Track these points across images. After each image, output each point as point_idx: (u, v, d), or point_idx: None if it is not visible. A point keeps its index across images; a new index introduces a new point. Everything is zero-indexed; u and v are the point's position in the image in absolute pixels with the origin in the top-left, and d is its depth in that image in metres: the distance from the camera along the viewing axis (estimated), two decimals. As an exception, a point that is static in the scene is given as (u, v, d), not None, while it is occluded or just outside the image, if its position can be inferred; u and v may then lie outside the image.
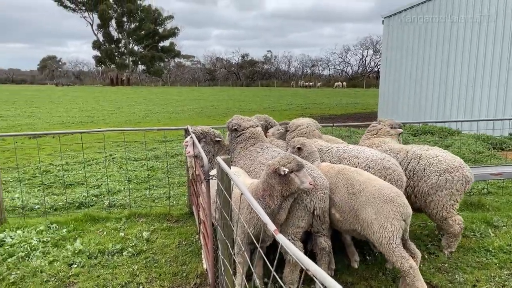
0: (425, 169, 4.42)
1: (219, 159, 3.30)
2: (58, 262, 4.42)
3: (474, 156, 8.94)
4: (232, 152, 4.69)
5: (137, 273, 4.24)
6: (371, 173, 4.01)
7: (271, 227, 2.05)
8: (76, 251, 4.62)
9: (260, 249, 3.03)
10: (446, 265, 4.30)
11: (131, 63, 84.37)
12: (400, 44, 17.11)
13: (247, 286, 3.84)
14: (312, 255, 3.98)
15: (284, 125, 5.33)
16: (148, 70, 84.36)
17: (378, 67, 73.76)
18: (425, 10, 15.57)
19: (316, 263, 3.80)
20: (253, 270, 3.04)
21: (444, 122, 12.58)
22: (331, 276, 1.84)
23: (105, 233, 5.23)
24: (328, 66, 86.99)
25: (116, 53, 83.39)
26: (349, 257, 4.34)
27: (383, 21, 18.33)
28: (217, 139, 4.89)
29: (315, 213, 3.72)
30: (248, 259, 3.45)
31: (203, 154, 3.84)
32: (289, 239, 3.71)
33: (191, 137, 4.77)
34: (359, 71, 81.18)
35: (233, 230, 3.33)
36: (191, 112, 23.76)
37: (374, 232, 3.50)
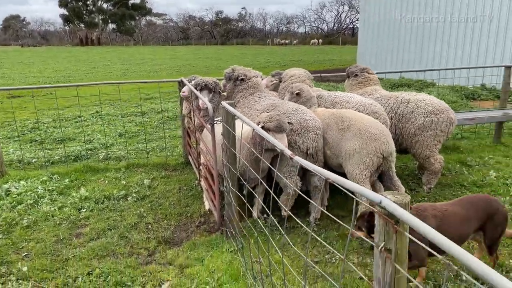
0: (413, 112, 4.79)
1: (225, 103, 3.55)
2: (67, 208, 4.66)
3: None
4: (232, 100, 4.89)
5: (144, 214, 4.53)
6: None
7: (287, 152, 2.35)
8: (82, 198, 4.87)
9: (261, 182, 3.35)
10: (425, 198, 4.76)
11: (100, 21, 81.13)
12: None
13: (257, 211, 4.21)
14: (307, 193, 4.37)
15: (277, 76, 5.51)
16: (118, 29, 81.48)
17: (354, 23, 73.48)
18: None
19: (310, 199, 4.21)
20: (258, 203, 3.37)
21: (417, 71, 12.99)
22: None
23: (107, 182, 5.46)
24: (304, 23, 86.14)
25: (84, 11, 79.85)
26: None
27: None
28: (220, 90, 5.10)
29: (308, 152, 4.06)
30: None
31: (206, 101, 4.07)
32: (285, 177, 4.07)
33: (189, 87, 4.97)
34: (334, 28, 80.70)
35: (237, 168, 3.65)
36: (170, 70, 23.48)
37: (353, 163, 3.87)
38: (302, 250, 3.79)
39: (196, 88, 4.82)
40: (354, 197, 1.75)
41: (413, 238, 1.44)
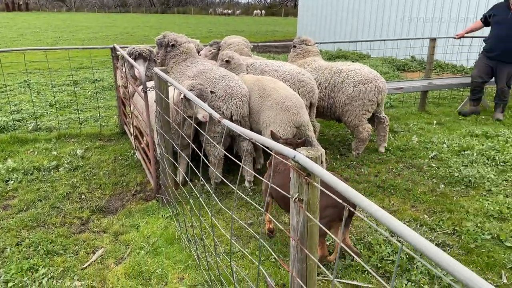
0: (344, 81, 5.00)
1: (156, 69, 3.51)
2: (-7, 180, 4.44)
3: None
4: (165, 67, 4.82)
5: (77, 185, 4.43)
6: (288, 85, 4.49)
7: (216, 115, 2.41)
8: (10, 169, 4.65)
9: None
10: (354, 162, 5.06)
11: (27, -16, 74.65)
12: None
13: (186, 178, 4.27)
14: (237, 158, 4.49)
15: (215, 45, 5.49)
16: (49, -6, 75.61)
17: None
18: None
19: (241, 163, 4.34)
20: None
21: (349, 42, 13.43)
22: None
23: (36, 153, 5.24)
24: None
25: (8, -27, 72.91)
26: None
27: None
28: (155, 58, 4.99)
29: (233, 118, 4.15)
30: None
31: (139, 67, 3.99)
32: (209, 144, 4.17)
33: (122, 54, 4.83)
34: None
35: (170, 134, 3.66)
36: (105, 39, 22.36)
37: (267, 132, 4.04)
38: (236, 213, 3.93)
39: (130, 57, 4.70)
40: (272, 153, 1.86)
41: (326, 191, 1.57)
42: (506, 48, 6.55)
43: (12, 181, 4.43)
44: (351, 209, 1.66)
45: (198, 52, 5.67)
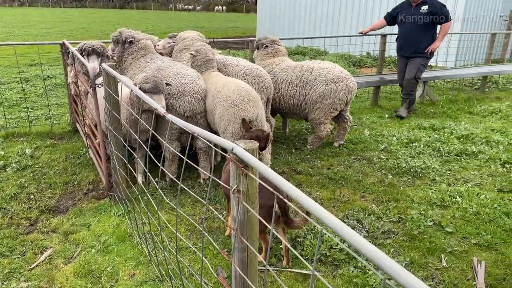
0: (316, 79, 5.07)
1: (104, 65, 3.46)
2: None
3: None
4: (122, 64, 4.74)
5: (26, 185, 4.30)
6: (247, 80, 4.53)
7: (161, 110, 2.41)
8: (-49, 171, 4.44)
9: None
10: (308, 156, 5.18)
11: (-26, -23, 70.74)
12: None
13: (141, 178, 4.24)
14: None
15: (175, 38, 5.41)
16: (-2, -13, 71.92)
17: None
18: None
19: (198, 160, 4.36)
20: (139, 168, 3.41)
21: (303, 38, 13.65)
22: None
23: (-19, 153, 5.02)
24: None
25: (-48, -36, 68.79)
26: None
27: None
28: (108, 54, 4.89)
29: (186, 115, 4.15)
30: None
31: (86, 63, 3.91)
32: (165, 140, 4.16)
33: (71, 50, 4.70)
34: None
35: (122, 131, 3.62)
36: (59, 35, 21.55)
37: (222, 131, 4.02)
38: (191, 209, 3.94)
39: (82, 54, 4.58)
40: (212, 147, 1.90)
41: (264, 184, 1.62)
42: (412, 43, 6.62)
43: (-46, 183, 4.24)
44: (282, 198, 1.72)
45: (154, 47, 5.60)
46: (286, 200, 1.64)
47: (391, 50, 10.79)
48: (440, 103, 7.75)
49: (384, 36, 7.72)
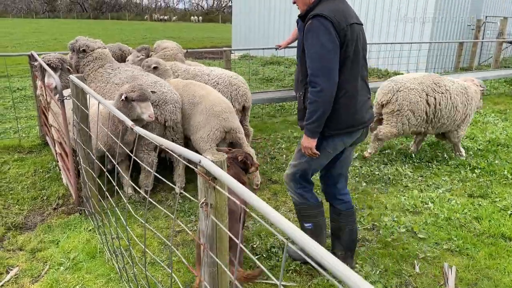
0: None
1: (72, 77, 3.38)
2: None
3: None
4: (82, 74, 4.63)
5: (-8, 201, 4.14)
6: (219, 88, 4.53)
7: (128, 122, 2.36)
8: None
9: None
10: (284, 165, 5.18)
11: None
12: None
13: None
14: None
15: (144, 51, 5.36)
16: (-34, -3, 70.10)
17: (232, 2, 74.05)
18: None
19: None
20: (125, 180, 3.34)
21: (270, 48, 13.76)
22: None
23: None
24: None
25: None
26: None
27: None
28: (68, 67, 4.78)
29: (167, 124, 4.12)
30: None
31: (54, 75, 3.82)
32: (143, 150, 4.10)
33: (39, 63, 4.58)
34: (214, 5, 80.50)
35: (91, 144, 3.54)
36: (30, 45, 21.09)
37: (200, 136, 4.12)
38: (165, 222, 3.87)
39: (41, 67, 4.46)
40: (178, 158, 1.86)
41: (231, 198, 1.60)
42: None
43: None
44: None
45: (122, 57, 5.53)
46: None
47: (372, 59, 11.01)
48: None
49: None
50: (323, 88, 2.54)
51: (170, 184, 2.22)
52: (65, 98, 3.55)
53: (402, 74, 11.21)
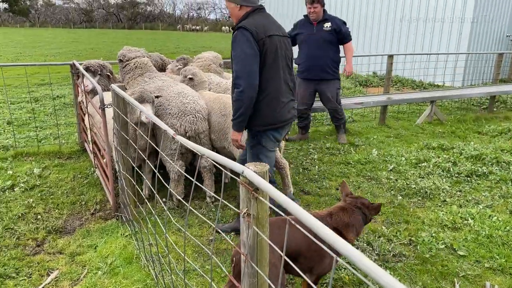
0: None
1: (114, 86, 3.48)
2: None
3: (343, 92, 10.20)
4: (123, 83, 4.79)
5: (33, 205, 4.29)
6: None
7: (170, 131, 2.41)
8: (-40, 190, 4.45)
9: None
10: (316, 176, 5.14)
11: (-12, -1, 72.68)
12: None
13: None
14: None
15: (182, 61, 5.47)
16: (11, 9, 73.68)
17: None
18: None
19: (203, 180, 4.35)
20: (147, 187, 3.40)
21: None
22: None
23: (-10, 172, 5.05)
24: (215, 9, 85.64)
25: (-32, -13, 70.88)
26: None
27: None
28: (108, 73, 4.96)
29: (188, 135, 4.16)
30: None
31: (95, 84, 3.95)
32: (166, 161, 4.17)
33: (82, 71, 4.76)
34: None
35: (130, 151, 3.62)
36: (69, 54, 21.94)
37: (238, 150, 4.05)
38: (199, 230, 3.90)
39: (83, 75, 4.64)
40: (222, 169, 1.88)
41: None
42: (321, 65, 6.03)
43: (-37, 203, 4.24)
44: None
45: (162, 66, 5.64)
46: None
47: (398, 70, 10.86)
48: (448, 122, 7.71)
49: (391, 56, 7.73)
50: (244, 89, 2.99)
51: (209, 192, 2.23)
52: (106, 106, 3.67)
53: (438, 85, 11.01)
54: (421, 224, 3.94)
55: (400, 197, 4.51)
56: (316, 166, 5.42)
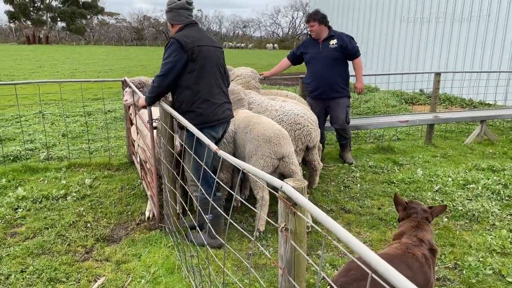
0: None
1: (162, 102, 3.66)
2: (3, 208, 4.55)
3: (388, 109, 10.03)
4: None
5: (84, 213, 4.52)
6: (283, 125, 4.52)
7: (213, 146, 2.50)
8: (19, 197, 4.77)
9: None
10: (358, 194, 5.08)
11: (49, 19, 77.89)
12: (327, 4, 17.80)
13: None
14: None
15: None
16: (68, 28, 78.54)
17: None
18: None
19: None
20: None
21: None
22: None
23: (46, 181, 5.37)
24: (259, 27, 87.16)
25: (31, 8, 76.37)
26: None
27: (311, -18, 18.80)
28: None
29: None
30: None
31: (140, 94, 4.15)
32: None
33: (130, 86, 5.01)
34: (289, 33, 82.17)
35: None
36: (120, 71, 23.03)
37: (252, 164, 4.00)
38: (238, 244, 3.96)
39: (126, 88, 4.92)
40: (262, 183, 1.93)
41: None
42: (330, 83, 5.87)
43: (21, 209, 4.54)
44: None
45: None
46: None
47: (446, 88, 10.55)
48: (500, 143, 7.38)
49: (438, 74, 7.55)
50: (159, 85, 3.60)
51: (252, 209, 2.29)
52: (154, 121, 3.84)
53: (489, 104, 10.58)
54: (467, 248, 3.79)
55: (446, 219, 4.36)
56: (358, 184, 5.36)
